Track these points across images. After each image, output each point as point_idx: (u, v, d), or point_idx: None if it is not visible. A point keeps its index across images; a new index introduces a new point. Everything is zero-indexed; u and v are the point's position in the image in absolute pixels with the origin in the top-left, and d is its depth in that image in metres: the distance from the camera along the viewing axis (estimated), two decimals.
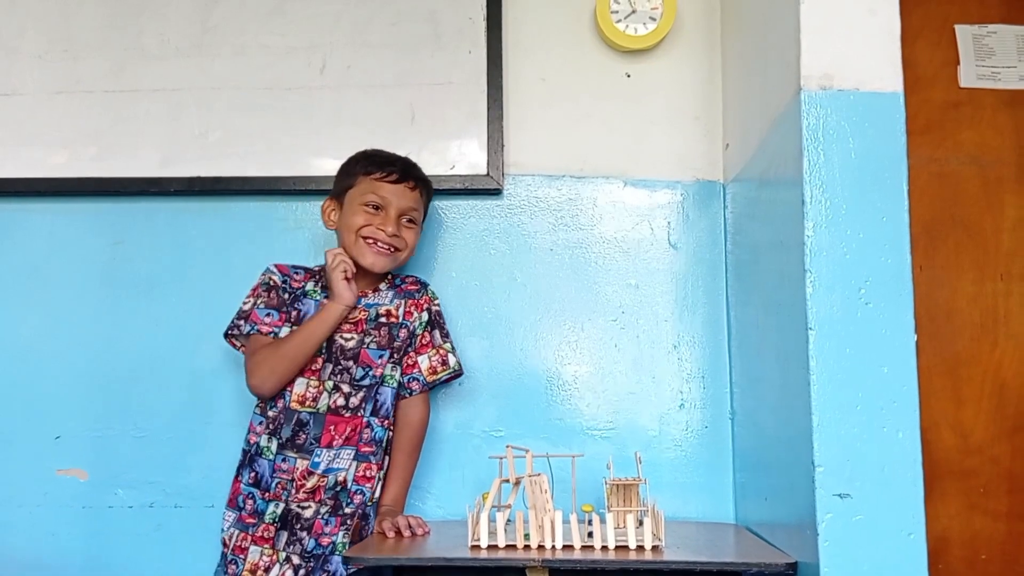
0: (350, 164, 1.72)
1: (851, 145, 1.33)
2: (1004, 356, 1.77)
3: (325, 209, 1.73)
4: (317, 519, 1.61)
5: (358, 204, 1.66)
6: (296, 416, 1.63)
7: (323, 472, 1.62)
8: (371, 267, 1.67)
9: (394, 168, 1.68)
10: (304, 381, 1.64)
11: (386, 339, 1.69)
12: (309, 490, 1.61)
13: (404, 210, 1.69)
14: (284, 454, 1.62)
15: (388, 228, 1.66)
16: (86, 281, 1.89)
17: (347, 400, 1.65)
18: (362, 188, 1.67)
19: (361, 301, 1.69)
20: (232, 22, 1.92)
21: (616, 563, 1.33)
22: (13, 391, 1.87)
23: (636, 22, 1.87)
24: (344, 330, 1.66)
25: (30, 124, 1.91)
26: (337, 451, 1.63)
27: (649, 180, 1.91)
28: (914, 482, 1.26)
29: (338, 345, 1.66)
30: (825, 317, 1.30)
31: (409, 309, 1.72)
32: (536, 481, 1.44)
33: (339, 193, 1.71)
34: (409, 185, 1.69)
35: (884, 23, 1.36)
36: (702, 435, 1.84)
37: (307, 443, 1.63)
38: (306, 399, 1.64)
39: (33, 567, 1.81)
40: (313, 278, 1.72)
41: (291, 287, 1.70)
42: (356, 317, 1.68)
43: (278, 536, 1.61)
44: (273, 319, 1.66)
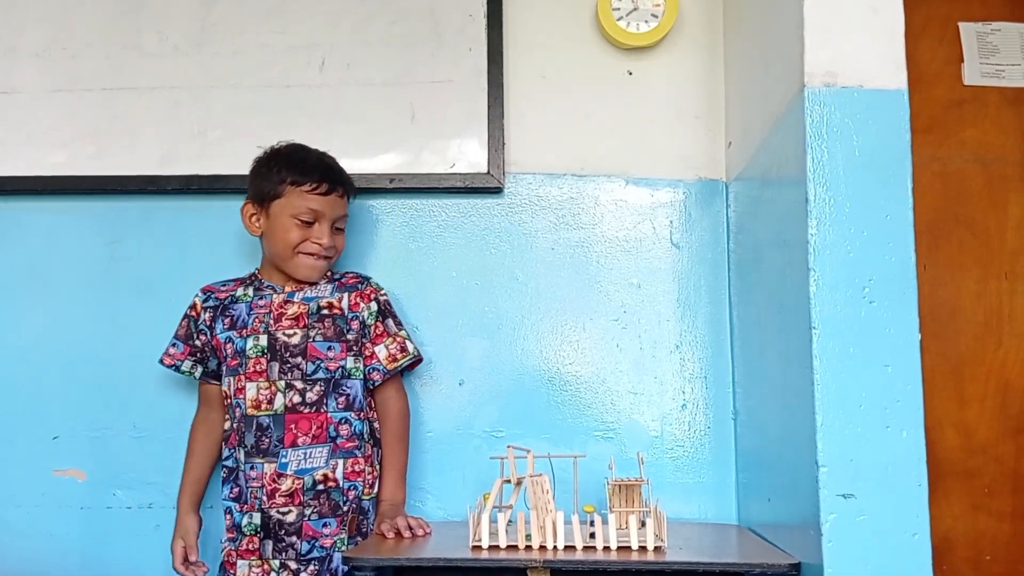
0: (271, 169, 1.67)
1: (854, 143, 1.32)
2: (1008, 355, 1.76)
3: (246, 214, 1.69)
4: (305, 522, 1.60)
5: (289, 217, 1.65)
6: (255, 421, 1.62)
7: (296, 473, 1.61)
8: (307, 279, 1.69)
9: (323, 178, 1.66)
10: (254, 385, 1.63)
11: (333, 331, 1.67)
12: (285, 493, 1.60)
13: (336, 219, 1.69)
14: (252, 461, 1.62)
15: (324, 240, 1.66)
16: (84, 280, 1.89)
17: (303, 396, 1.63)
18: (292, 201, 1.65)
19: (296, 295, 1.69)
20: (231, 20, 1.92)
21: (618, 564, 1.32)
22: (11, 391, 1.86)
23: (638, 19, 1.86)
24: (285, 325, 1.66)
25: (29, 122, 1.90)
26: (306, 450, 1.62)
27: (651, 179, 1.90)
28: (918, 482, 1.25)
29: (281, 342, 1.65)
30: (828, 316, 1.29)
31: (355, 301, 1.71)
32: (538, 481, 1.43)
33: (262, 199, 1.67)
34: (338, 194, 1.68)
35: (888, 20, 1.35)
36: (704, 435, 1.83)
37: (271, 446, 1.61)
38: (261, 402, 1.63)
39: (31, 567, 1.81)
40: (243, 283, 1.73)
41: (218, 300, 1.71)
42: (296, 312, 1.67)
43: (263, 546, 1.61)
44: (176, 351, 1.72)
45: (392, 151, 1.87)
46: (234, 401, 1.65)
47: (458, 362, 1.85)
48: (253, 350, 1.65)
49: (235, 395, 1.65)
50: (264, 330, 1.66)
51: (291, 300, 1.68)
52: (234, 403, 1.65)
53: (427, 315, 1.87)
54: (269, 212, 1.67)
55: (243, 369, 1.65)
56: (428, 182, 1.86)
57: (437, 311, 1.87)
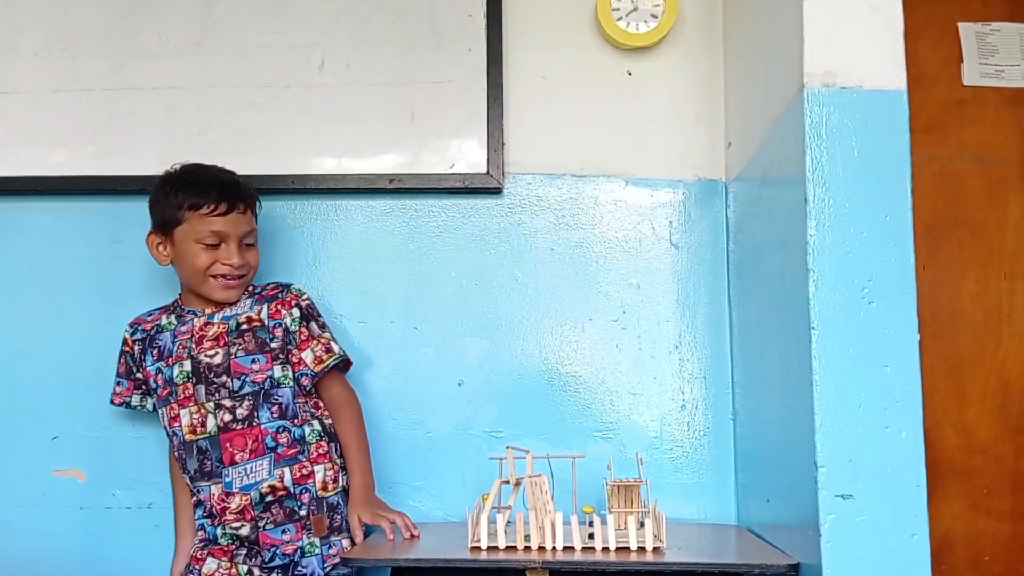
0: (169, 195, 1.63)
1: (854, 143, 1.32)
2: (1008, 355, 1.76)
3: (152, 244, 1.66)
4: (260, 532, 1.59)
5: (193, 243, 1.61)
6: (194, 446, 1.61)
7: (241, 490, 1.60)
8: (225, 300, 1.67)
9: (220, 198, 1.61)
10: (187, 411, 1.62)
11: (254, 343, 1.65)
12: (235, 511, 1.59)
13: (242, 236, 1.66)
14: (198, 485, 1.61)
15: (234, 260, 1.63)
16: (84, 280, 1.89)
17: (234, 413, 1.61)
18: (193, 226, 1.61)
19: (216, 316, 1.67)
20: (231, 20, 1.92)
21: (617, 564, 1.32)
22: (11, 391, 1.86)
23: (637, 20, 1.86)
24: (207, 347, 1.64)
25: (28, 122, 1.90)
26: (247, 465, 1.60)
27: (650, 179, 1.90)
28: (917, 482, 1.25)
29: (204, 364, 1.63)
30: (828, 316, 1.29)
31: (275, 309, 1.68)
32: (536, 482, 1.43)
33: (163, 227, 1.64)
34: (240, 211, 1.64)
35: (887, 21, 1.35)
36: (704, 436, 1.83)
37: (213, 468, 1.60)
38: (196, 427, 1.61)
39: (31, 568, 1.81)
40: (166, 311, 1.71)
41: (144, 331, 1.69)
42: (216, 332, 1.65)
43: (236, 553, 1.61)
44: (122, 388, 1.72)
45: (392, 151, 1.87)
46: (170, 430, 1.64)
47: (457, 362, 1.85)
48: (179, 376, 1.63)
49: (170, 424, 1.63)
50: (188, 355, 1.64)
51: (211, 322, 1.66)
52: (170, 432, 1.64)
53: (426, 315, 1.87)
54: (174, 239, 1.64)
55: (174, 397, 1.63)
56: (428, 182, 1.86)
57: (436, 311, 1.87)
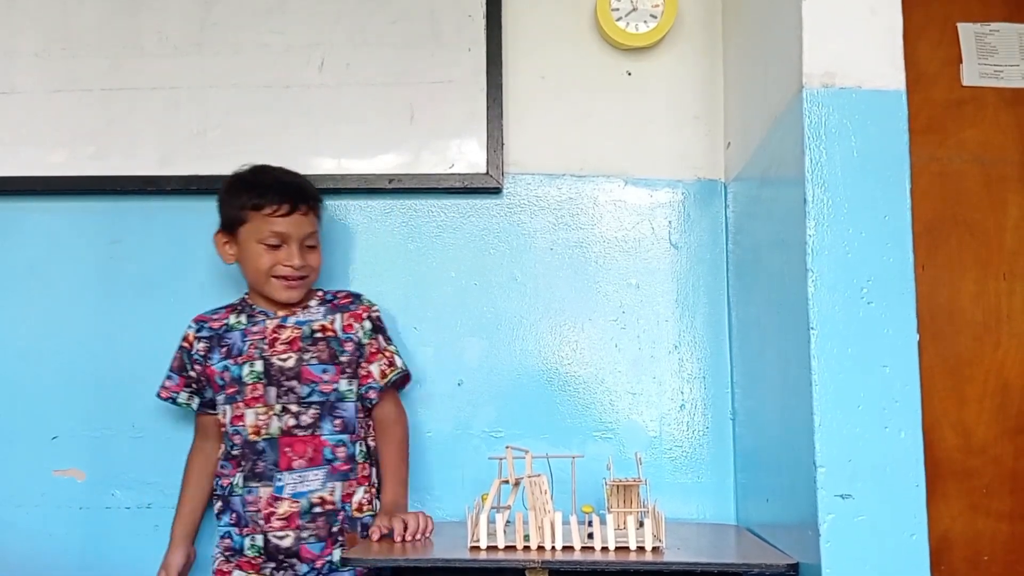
0: (233, 196, 1.67)
1: (853, 144, 1.32)
2: (1007, 356, 1.76)
3: (218, 243, 1.69)
4: (303, 545, 1.60)
5: (256, 243, 1.64)
6: (254, 446, 1.62)
7: (292, 496, 1.60)
8: (287, 301, 1.68)
9: (282, 199, 1.63)
10: (253, 411, 1.63)
11: (327, 354, 1.66)
12: (282, 517, 1.60)
13: (304, 237, 1.67)
14: (249, 486, 1.62)
15: (295, 262, 1.64)
16: (84, 280, 1.89)
17: (298, 419, 1.63)
18: (256, 226, 1.63)
19: (289, 320, 1.68)
20: (231, 20, 1.92)
21: (616, 564, 1.32)
22: (10, 391, 1.86)
23: (637, 20, 1.86)
24: (280, 350, 1.65)
25: (28, 123, 1.90)
26: (302, 473, 1.61)
27: (650, 179, 1.90)
28: (916, 482, 1.25)
29: (276, 366, 1.64)
30: (827, 316, 1.29)
31: (348, 322, 1.70)
32: (536, 482, 1.43)
33: (229, 227, 1.67)
34: (302, 212, 1.66)
35: (886, 21, 1.35)
36: (703, 436, 1.83)
37: (267, 470, 1.61)
38: (260, 428, 1.62)
39: (31, 568, 1.81)
40: (234, 311, 1.72)
41: (212, 330, 1.70)
42: (289, 336, 1.66)
43: (264, 566, 1.61)
44: (171, 384, 1.71)
45: (391, 151, 1.87)
46: (231, 428, 1.64)
47: (457, 362, 1.85)
48: (250, 376, 1.64)
49: (233, 422, 1.64)
50: (259, 356, 1.65)
51: (284, 325, 1.68)
52: (232, 430, 1.64)
53: (426, 315, 1.87)
54: (238, 239, 1.66)
55: (241, 396, 1.64)
56: (427, 182, 1.86)
57: (436, 311, 1.87)
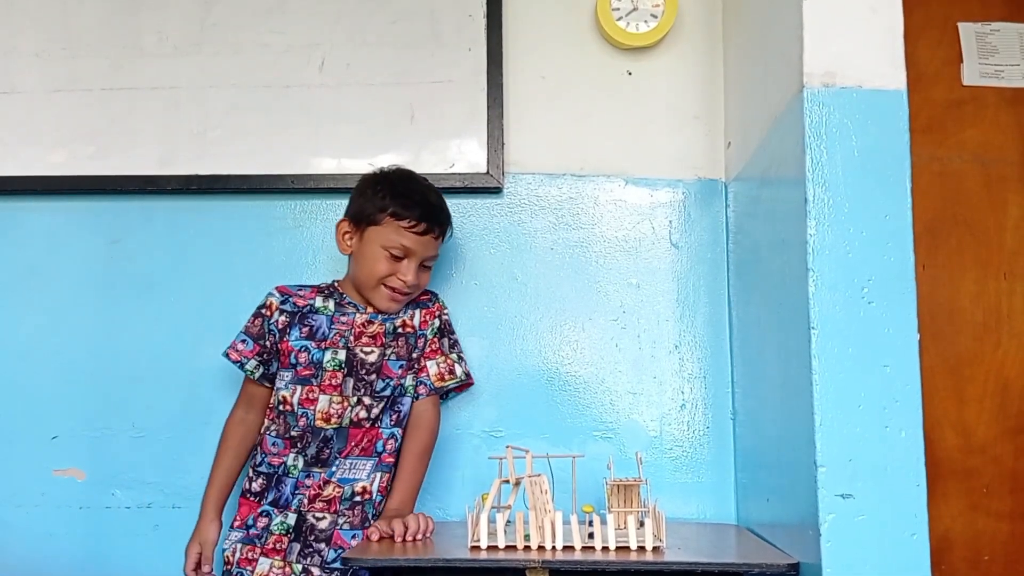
0: (376, 195, 1.64)
1: (853, 143, 1.32)
2: (1007, 355, 1.76)
3: (341, 230, 1.68)
4: (336, 530, 1.60)
5: (380, 248, 1.63)
6: (322, 433, 1.63)
7: (338, 481, 1.61)
8: (385, 311, 1.68)
9: (423, 217, 1.63)
10: (327, 398, 1.63)
11: (405, 349, 1.69)
12: (325, 499, 1.61)
13: (425, 258, 1.67)
14: (309, 470, 1.62)
15: (409, 278, 1.64)
16: (84, 280, 1.89)
17: (369, 412, 1.65)
18: (387, 232, 1.63)
19: (378, 316, 1.69)
20: (231, 20, 1.92)
21: (617, 564, 1.32)
22: (10, 390, 1.86)
23: (637, 19, 1.86)
24: (364, 343, 1.66)
25: (28, 122, 1.90)
26: (354, 460, 1.63)
27: (650, 179, 1.90)
28: (916, 482, 1.25)
29: (359, 359, 1.65)
30: (827, 316, 1.29)
31: (424, 318, 1.73)
32: (536, 482, 1.43)
33: (359, 220, 1.65)
34: (434, 235, 1.66)
35: (886, 21, 1.35)
36: (703, 435, 1.83)
37: (330, 457, 1.63)
38: (331, 416, 1.63)
39: (31, 567, 1.81)
40: (321, 293, 1.71)
41: (295, 306, 1.68)
42: (375, 331, 1.67)
43: (290, 548, 1.60)
44: (245, 348, 1.67)
45: (391, 151, 1.87)
46: (299, 410, 1.63)
47: None
48: (331, 363, 1.64)
49: (301, 404, 1.63)
50: (344, 345, 1.66)
51: (372, 320, 1.68)
52: (299, 411, 1.63)
53: None
54: (363, 236, 1.65)
55: (317, 380, 1.64)
56: None
57: None
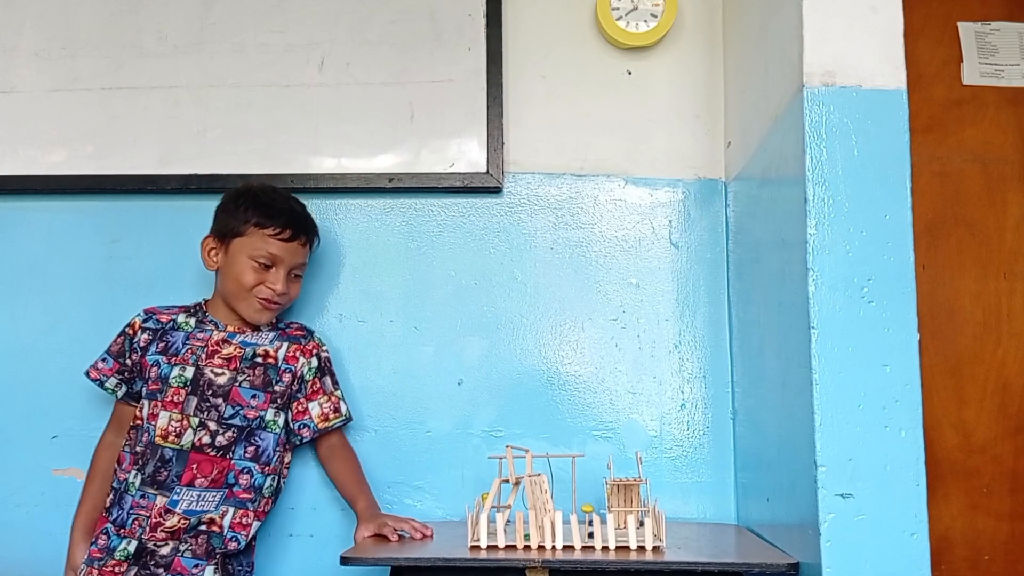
0: (238, 208, 1.66)
1: (853, 143, 1.32)
2: (1007, 355, 1.76)
3: (206, 247, 1.68)
4: (177, 557, 1.56)
5: (246, 258, 1.63)
6: (160, 451, 1.59)
7: (184, 513, 1.58)
8: (255, 321, 1.68)
9: (287, 224, 1.64)
10: (167, 415, 1.61)
11: (261, 380, 1.65)
12: (168, 530, 1.57)
13: (293, 266, 1.67)
14: (144, 490, 1.59)
15: (278, 287, 1.64)
16: (83, 279, 1.89)
17: (214, 439, 1.61)
18: (252, 242, 1.63)
19: (236, 338, 1.67)
20: (231, 19, 1.92)
21: (617, 563, 1.32)
22: (10, 390, 1.86)
23: (637, 19, 1.86)
24: (216, 364, 1.64)
25: (28, 122, 1.90)
26: (201, 492, 1.59)
27: (650, 178, 1.90)
28: (916, 482, 1.25)
29: (206, 379, 1.63)
30: (827, 316, 1.29)
31: (293, 354, 1.70)
32: (536, 481, 1.43)
33: (224, 234, 1.66)
34: (301, 242, 1.67)
35: (886, 20, 1.35)
36: (703, 435, 1.83)
37: (168, 480, 1.58)
38: (169, 433, 1.60)
39: (30, 567, 1.80)
40: (186, 311, 1.71)
41: (159, 322, 1.68)
42: (231, 354, 1.65)
43: (127, 572, 1.55)
44: (105, 366, 1.69)
45: (391, 150, 1.87)
46: (145, 425, 1.61)
47: (457, 362, 1.85)
48: (176, 379, 1.62)
49: (147, 419, 1.61)
50: (193, 362, 1.64)
51: (229, 340, 1.67)
52: (144, 427, 1.61)
53: (426, 315, 1.87)
54: (228, 249, 1.65)
55: (161, 396, 1.62)
56: (427, 182, 1.86)
57: (436, 310, 1.87)
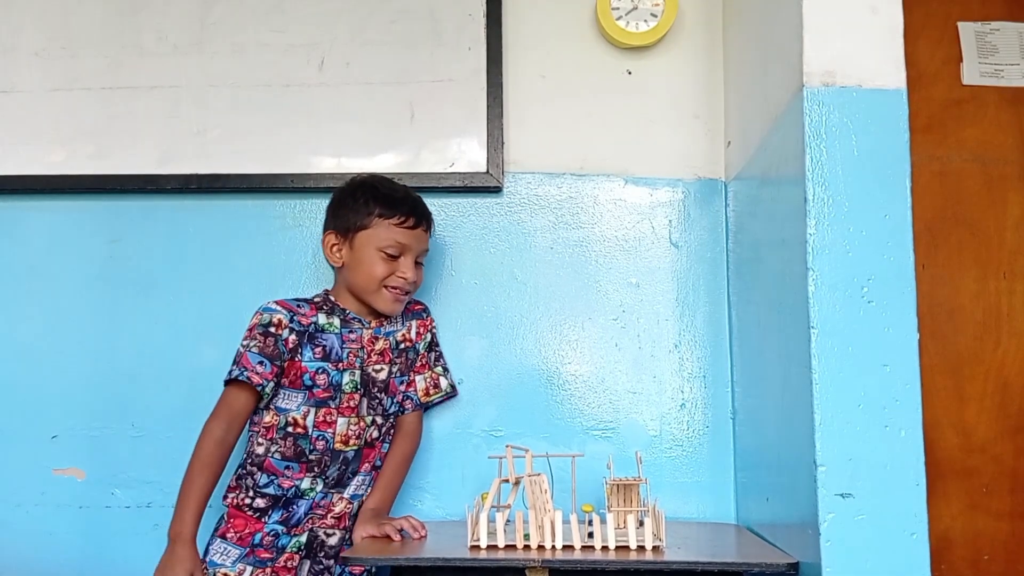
0: (359, 201, 1.65)
1: (853, 142, 1.32)
2: (1007, 355, 1.76)
3: (329, 244, 1.67)
4: (343, 547, 1.61)
5: (375, 250, 1.63)
6: (342, 455, 1.63)
7: (350, 497, 1.63)
8: (390, 313, 1.68)
9: (411, 212, 1.65)
10: (345, 420, 1.63)
11: (406, 364, 1.71)
12: (336, 515, 1.62)
13: (419, 253, 1.69)
14: (329, 492, 1.63)
15: (409, 275, 1.65)
16: (83, 279, 1.88)
17: (380, 431, 1.67)
18: (379, 233, 1.63)
19: (380, 331, 1.69)
20: (231, 19, 1.91)
21: (617, 563, 1.32)
22: (10, 390, 1.86)
23: (637, 19, 1.86)
24: (375, 361, 1.67)
25: (28, 121, 1.90)
26: (364, 476, 1.66)
27: (650, 178, 1.90)
28: (916, 481, 1.25)
29: (371, 378, 1.66)
30: (827, 316, 1.29)
31: (419, 331, 1.75)
32: (536, 481, 1.43)
33: (347, 229, 1.65)
34: (424, 228, 1.69)
35: (886, 20, 1.35)
36: (703, 435, 1.83)
37: (347, 478, 1.64)
38: (350, 438, 1.63)
39: (30, 567, 1.81)
40: (321, 309, 1.66)
41: (301, 324, 1.62)
42: (381, 348, 1.68)
43: (301, 565, 1.60)
44: (264, 370, 1.55)
45: (391, 150, 1.87)
46: (314, 433, 1.61)
47: (457, 361, 1.85)
48: (349, 385, 1.64)
49: (318, 427, 1.61)
50: (359, 365, 1.65)
51: (377, 336, 1.69)
52: (313, 434, 1.61)
53: None
54: (353, 244, 1.65)
55: (335, 403, 1.62)
56: (427, 181, 1.86)
57: (436, 310, 1.86)
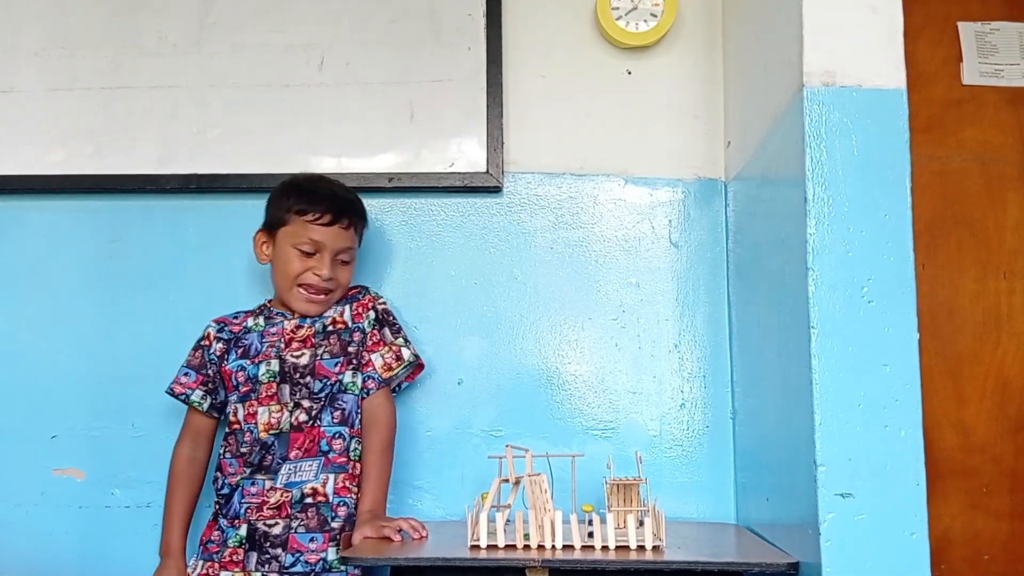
0: (281, 197, 1.68)
1: (853, 142, 1.32)
2: (1006, 355, 1.76)
3: (257, 241, 1.70)
4: (291, 534, 1.58)
5: (290, 247, 1.64)
6: (264, 442, 1.62)
7: (284, 486, 1.60)
8: (305, 313, 1.68)
9: (327, 209, 1.64)
10: (266, 409, 1.63)
11: (338, 346, 1.67)
12: (273, 506, 1.59)
13: (338, 251, 1.67)
14: (254, 478, 1.61)
15: (323, 272, 1.64)
16: (83, 279, 1.88)
17: (309, 414, 1.63)
18: (295, 229, 1.64)
19: (305, 320, 1.69)
20: (230, 19, 1.91)
21: (616, 563, 1.32)
22: (9, 390, 1.86)
23: (637, 19, 1.86)
24: (295, 348, 1.66)
25: (27, 121, 1.90)
26: (296, 463, 1.61)
27: (650, 178, 1.90)
28: (916, 481, 1.25)
29: (290, 364, 1.65)
30: (827, 316, 1.29)
31: (357, 311, 1.72)
32: (536, 481, 1.43)
33: (270, 226, 1.69)
34: (343, 225, 1.67)
35: (886, 20, 1.35)
36: (703, 435, 1.83)
37: (273, 464, 1.61)
38: (271, 425, 1.62)
39: (30, 567, 1.81)
40: (252, 314, 1.72)
41: (231, 332, 1.70)
42: (304, 334, 1.67)
43: (247, 557, 1.58)
44: (188, 380, 1.68)
45: (391, 150, 1.87)
46: (245, 426, 1.63)
47: (457, 361, 1.85)
48: (265, 375, 1.65)
49: (245, 420, 1.64)
50: (276, 355, 1.66)
51: (301, 324, 1.68)
52: (244, 428, 1.63)
53: (425, 314, 1.87)
54: (276, 240, 1.67)
55: (255, 395, 1.64)
56: (427, 181, 1.86)
57: (436, 310, 1.87)
